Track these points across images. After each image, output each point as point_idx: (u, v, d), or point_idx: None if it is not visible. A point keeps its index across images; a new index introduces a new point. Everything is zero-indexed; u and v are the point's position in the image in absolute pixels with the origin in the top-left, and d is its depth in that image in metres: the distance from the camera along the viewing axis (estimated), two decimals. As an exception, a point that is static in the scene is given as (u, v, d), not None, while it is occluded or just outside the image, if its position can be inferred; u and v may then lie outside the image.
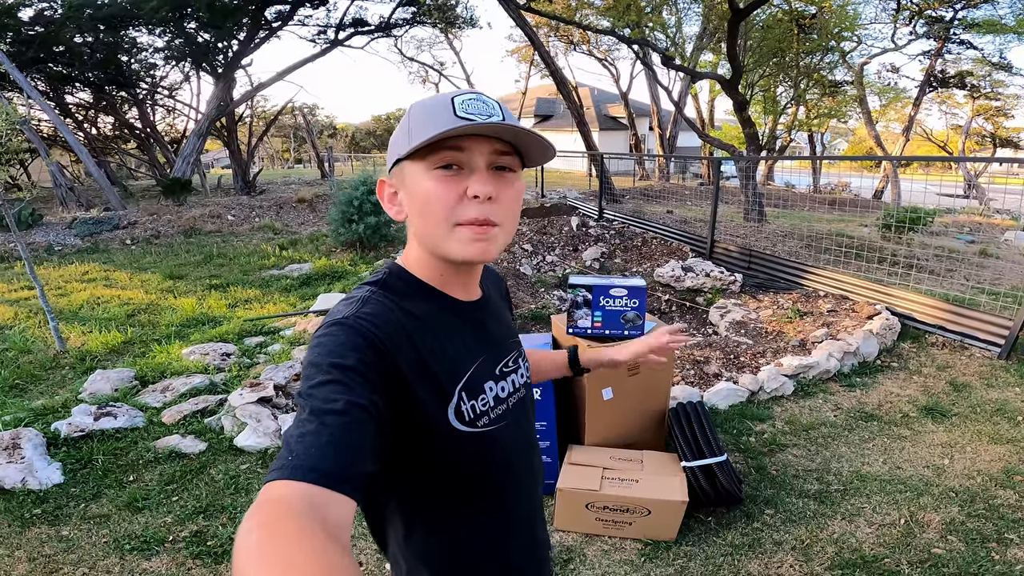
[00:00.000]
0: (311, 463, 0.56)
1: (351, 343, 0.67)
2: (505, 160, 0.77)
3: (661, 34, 14.62)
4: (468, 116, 0.72)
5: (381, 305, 0.74)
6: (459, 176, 0.74)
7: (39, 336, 5.10)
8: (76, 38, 14.10)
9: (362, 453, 0.60)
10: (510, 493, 0.85)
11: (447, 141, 0.72)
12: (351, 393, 0.62)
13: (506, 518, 0.85)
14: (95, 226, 10.53)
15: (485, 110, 0.73)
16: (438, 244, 0.76)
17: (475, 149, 0.74)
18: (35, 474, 2.69)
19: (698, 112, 21.49)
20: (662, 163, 20.21)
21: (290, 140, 36.28)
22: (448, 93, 0.76)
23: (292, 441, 0.58)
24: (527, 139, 0.75)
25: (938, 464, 2.99)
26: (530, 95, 25.38)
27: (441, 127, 0.70)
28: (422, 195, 0.74)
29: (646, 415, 2.82)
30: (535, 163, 0.82)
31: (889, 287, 5.08)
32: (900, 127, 19.39)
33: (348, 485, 0.56)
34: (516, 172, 0.79)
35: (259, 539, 0.47)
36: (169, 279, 7.32)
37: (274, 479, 0.55)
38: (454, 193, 0.73)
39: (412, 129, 0.74)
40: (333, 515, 0.53)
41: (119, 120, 19.13)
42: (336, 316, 0.71)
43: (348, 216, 8.14)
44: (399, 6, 15.38)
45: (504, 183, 0.76)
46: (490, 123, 0.71)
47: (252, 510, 0.51)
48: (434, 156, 0.73)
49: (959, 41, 15.70)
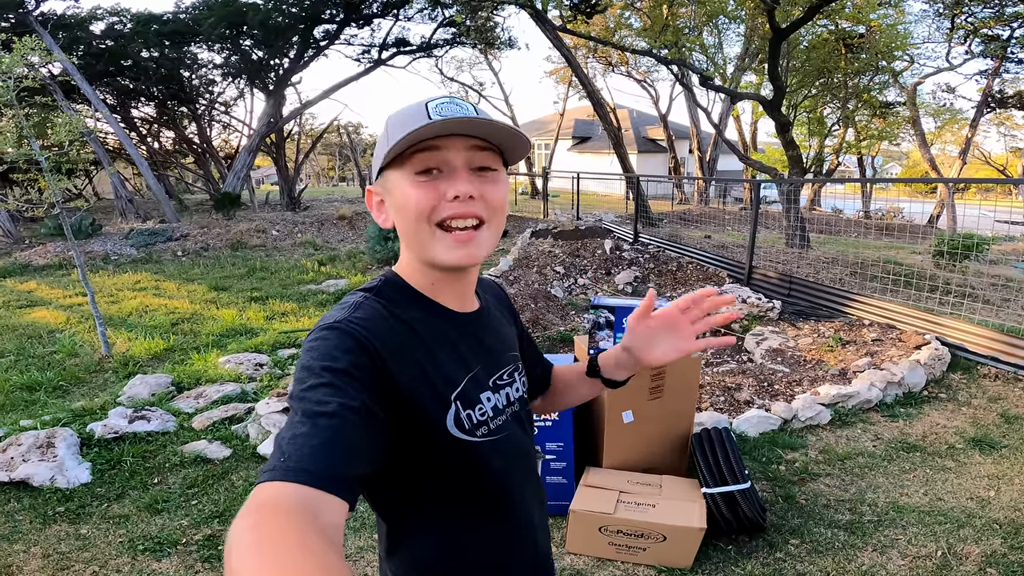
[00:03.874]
0: (303, 464, 0.56)
1: (343, 346, 0.68)
2: (484, 158, 0.76)
3: (701, 54, 14.53)
4: (440, 117, 0.72)
5: (373, 310, 0.74)
6: (438, 180, 0.74)
7: (87, 340, 5.35)
8: (143, 53, 14.98)
9: (354, 455, 0.60)
10: (511, 503, 0.85)
11: (423, 144, 0.73)
12: (343, 395, 0.63)
13: (507, 528, 0.85)
14: (150, 237, 11.04)
15: (459, 111, 0.73)
16: (424, 248, 0.77)
17: (451, 148, 0.74)
18: (64, 473, 2.79)
19: (740, 134, 21.16)
20: (701, 186, 19.93)
21: (335, 158, 37.41)
22: (419, 101, 0.77)
23: (284, 443, 0.59)
24: (499, 133, 0.75)
25: (983, 496, 2.83)
26: (568, 116, 25.49)
27: (410, 129, 0.70)
28: (403, 200, 0.75)
29: (668, 439, 2.73)
30: (517, 157, 0.82)
31: (940, 316, 4.87)
32: (957, 150, 18.63)
33: (340, 487, 0.56)
34: (498, 170, 0.79)
35: (252, 541, 0.47)
36: (213, 290, 7.59)
37: (266, 480, 0.55)
38: (434, 196, 0.74)
39: (390, 136, 0.74)
40: (325, 516, 0.53)
41: (179, 135, 20.14)
42: (328, 320, 0.72)
43: (385, 234, 8.29)
44: (440, 27, 15.80)
45: (487, 182, 0.76)
46: (455, 118, 0.71)
47: (244, 511, 0.51)
48: (412, 161, 0.74)
49: (1018, 60, 15.03)
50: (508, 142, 0.78)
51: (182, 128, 19.91)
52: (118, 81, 16.19)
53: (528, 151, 0.81)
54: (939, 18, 14.35)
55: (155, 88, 17.02)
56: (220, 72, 17.63)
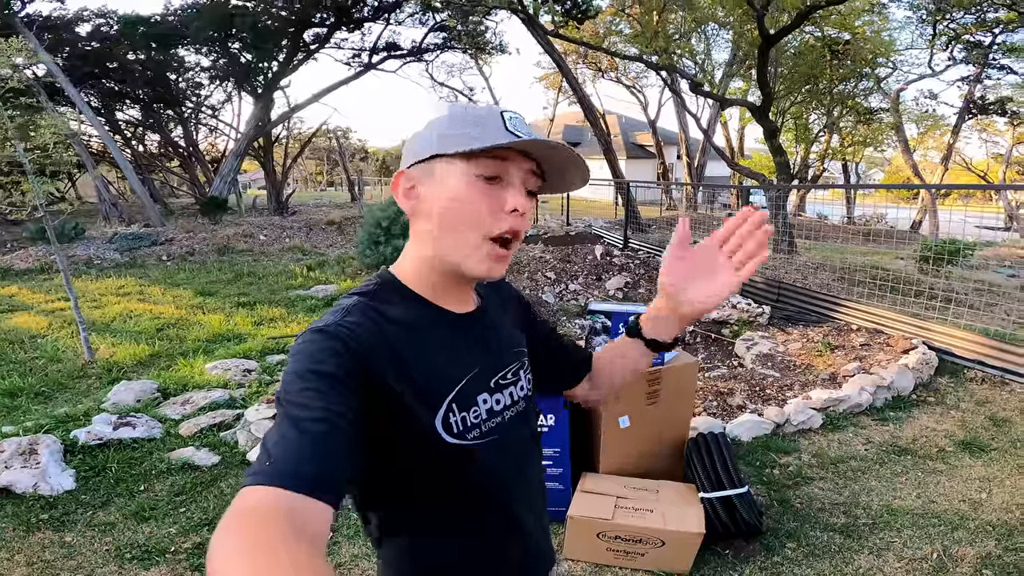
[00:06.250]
0: (289, 469, 0.56)
1: (331, 350, 0.67)
2: (535, 183, 0.79)
3: (690, 61, 14.67)
4: (516, 132, 0.73)
5: (364, 315, 0.73)
6: (498, 188, 0.75)
7: (70, 346, 5.24)
8: (129, 55, 14.81)
9: (340, 459, 0.60)
10: (503, 506, 0.83)
11: (494, 151, 0.73)
12: (329, 400, 0.63)
13: (498, 531, 0.83)
14: (134, 241, 10.89)
15: (527, 131, 0.75)
16: (456, 251, 0.76)
17: (515, 165, 0.75)
18: (48, 480, 2.72)
19: (727, 140, 21.38)
20: (690, 192, 20.08)
21: (323, 163, 37.23)
22: (491, 105, 0.79)
23: (270, 446, 0.59)
24: (564, 162, 0.77)
25: (975, 498, 2.86)
26: (557, 122, 25.62)
27: (495, 137, 0.72)
28: (458, 199, 0.74)
29: (664, 444, 2.73)
30: (555, 191, 0.84)
31: (926, 321, 4.92)
32: (939, 156, 18.93)
33: (325, 491, 0.56)
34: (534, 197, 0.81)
35: (237, 546, 0.47)
36: (200, 295, 7.48)
37: (251, 484, 0.55)
38: (493, 203, 0.74)
39: (460, 130, 0.74)
40: (311, 521, 0.54)
41: (164, 138, 19.93)
42: (318, 324, 0.71)
43: (375, 238, 8.23)
44: (431, 31, 15.82)
45: (529, 203, 0.78)
46: (544, 141, 0.73)
47: (229, 515, 0.51)
48: (477, 162, 0.73)
49: (999, 66, 15.32)
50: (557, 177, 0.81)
51: (168, 131, 19.72)
52: (103, 83, 16.01)
53: (577, 188, 0.84)
54: (922, 24, 14.61)
55: (141, 91, 16.84)
56: (208, 75, 17.51)
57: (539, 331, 1.01)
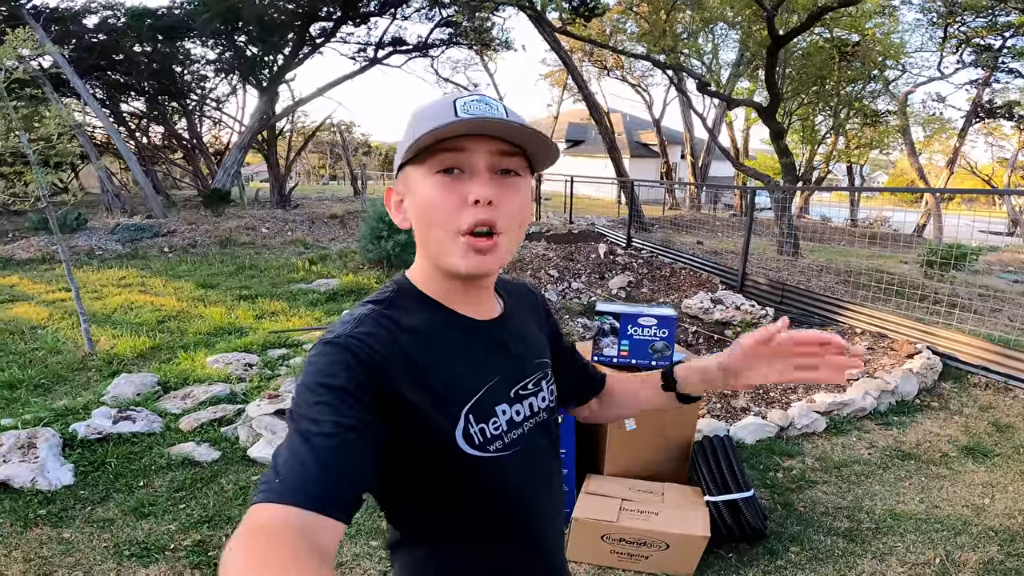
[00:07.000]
0: (298, 486, 0.55)
1: (342, 362, 0.65)
2: (509, 162, 0.72)
3: (697, 60, 14.60)
4: (470, 116, 0.68)
5: (377, 324, 0.71)
6: (459, 180, 0.71)
7: (70, 337, 5.22)
8: (135, 47, 14.80)
9: (350, 475, 0.59)
10: (523, 520, 0.81)
11: (446, 142, 0.69)
12: (339, 414, 0.61)
13: (518, 545, 0.81)
14: (136, 232, 10.87)
15: (488, 111, 0.70)
16: (440, 254, 0.73)
17: (476, 150, 0.70)
18: (46, 474, 2.70)
19: (732, 141, 21.29)
20: (693, 192, 20.04)
21: (327, 156, 37.16)
22: (452, 94, 0.74)
23: (280, 463, 0.58)
24: (528, 138, 0.71)
25: (978, 503, 2.85)
26: (562, 120, 25.56)
27: (433, 126, 0.67)
28: (423, 201, 0.72)
29: (670, 447, 2.71)
30: (542, 166, 0.78)
31: (931, 326, 4.89)
32: (944, 159, 18.86)
33: (335, 508, 0.56)
34: (523, 176, 0.75)
35: (248, 564, 0.47)
36: (201, 288, 7.45)
37: (261, 501, 0.54)
38: (455, 198, 0.70)
39: (415, 131, 0.70)
40: (321, 539, 0.53)
41: (168, 130, 19.91)
42: (329, 336, 0.69)
43: (378, 232, 8.20)
44: (437, 27, 15.76)
45: (507, 187, 0.72)
46: (484, 117, 0.67)
47: (239, 533, 0.50)
48: (434, 159, 0.70)
49: (1008, 70, 15.26)
50: (537, 148, 0.74)
51: (172, 124, 19.69)
52: (109, 75, 15.99)
53: (556, 159, 0.77)
54: (932, 27, 14.54)
55: (146, 83, 16.83)
56: (213, 68, 17.48)
57: (562, 344, 0.99)
